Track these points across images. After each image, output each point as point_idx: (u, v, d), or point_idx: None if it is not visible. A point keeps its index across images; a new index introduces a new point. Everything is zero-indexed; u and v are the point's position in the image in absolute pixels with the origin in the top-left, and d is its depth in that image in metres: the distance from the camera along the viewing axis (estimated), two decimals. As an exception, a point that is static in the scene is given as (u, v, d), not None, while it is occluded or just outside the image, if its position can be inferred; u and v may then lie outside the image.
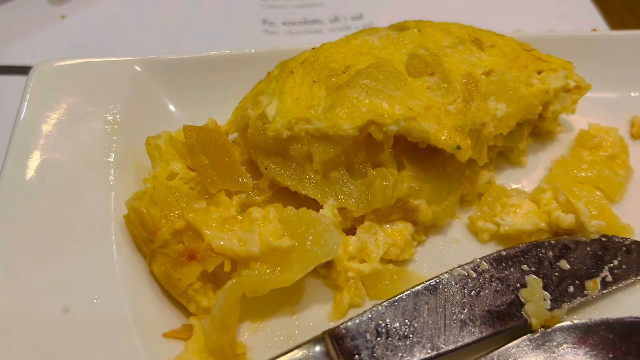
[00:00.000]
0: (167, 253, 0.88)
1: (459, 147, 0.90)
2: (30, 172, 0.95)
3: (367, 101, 0.91)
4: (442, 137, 0.90)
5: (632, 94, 1.20)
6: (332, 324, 0.87)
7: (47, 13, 1.47)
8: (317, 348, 0.79)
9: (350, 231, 0.98)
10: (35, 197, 0.93)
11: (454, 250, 1.00)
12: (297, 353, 0.77)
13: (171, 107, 1.14)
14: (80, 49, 1.37)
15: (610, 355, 0.82)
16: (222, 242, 0.87)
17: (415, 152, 0.97)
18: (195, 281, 0.87)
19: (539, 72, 1.04)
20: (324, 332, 0.81)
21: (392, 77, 0.95)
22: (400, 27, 1.09)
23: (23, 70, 1.33)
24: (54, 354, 0.79)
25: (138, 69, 1.11)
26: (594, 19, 1.45)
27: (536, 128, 1.13)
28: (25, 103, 1.02)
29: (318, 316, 0.91)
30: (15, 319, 0.81)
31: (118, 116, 1.05)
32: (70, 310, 0.83)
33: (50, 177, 0.95)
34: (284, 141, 0.94)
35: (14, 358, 0.78)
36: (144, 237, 0.90)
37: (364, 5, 1.52)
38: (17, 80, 1.31)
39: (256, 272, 0.85)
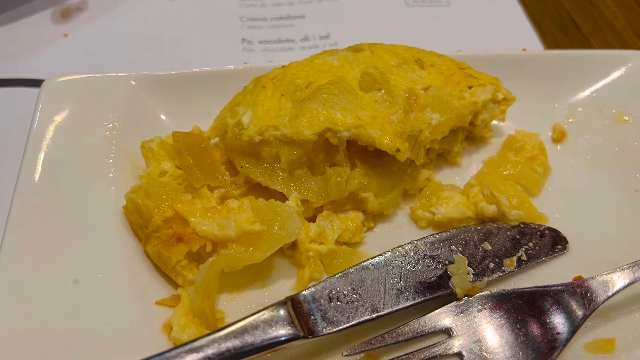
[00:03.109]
0: (158, 236, 0.97)
1: (398, 150, 1.00)
2: (43, 170, 1.03)
3: (324, 112, 1.00)
4: (385, 142, 1.00)
5: (556, 105, 1.30)
6: (295, 294, 0.95)
7: (51, 31, 1.53)
8: (281, 310, 0.87)
9: (312, 219, 1.06)
10: (48, 191, 1.01)
11: (397, 234, 1.09)
12: (264, 314, 0.86)
13: (162, 116, 1.21)
14: (80, 63, 1.45)
15: (519, 318, 0.93)
16: (204, 227, 0.95)
17: (365, 154, 1.06)
18: (182, 259, 0.96)
19: (470, 87, 1.14)
20: (286, 298, 0.89)
21: (346, 92, 1.04)
22: (356, 49, 1.17)
23: (31, 82, 1.40)
24: (67, 316, 0.89)
25: (133, 83, 1.18)
26: (531, 40, 1.56)
27: (470, 134, 1.22)
28: (38, 113, 1.09)
29: (284, 288, 1.00)
30: (35, 287, 0.90)
31: (116, 123, 1.13)
32: (80, 281, 0.92)
33: (60, 174, 1.04)
34: (256, 145, 1.02)
35: (35, 318, 0.88)
36: (140, 223, 0.99)
37: (331, 26, 1.59)
38: (26, 91, 1.39)
39: (232, 251, 0.94)
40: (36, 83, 1.38)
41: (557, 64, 1.32)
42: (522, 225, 1.08)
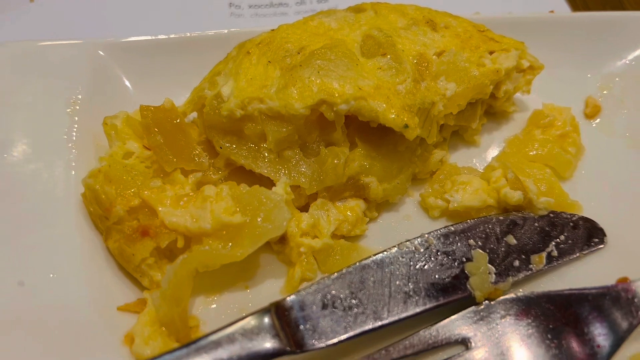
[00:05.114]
0: (121, 229, 0.90)
1: (406, 126, 0.93)
2: (-9, 152, 0.96)
3: (318, 81, 0.94)
4: (391, 116, 0.92)
5: (589, 75, 1.22)
6: (285, 298, 0.89)
7: (15, -4, 1.46)
8: (264, 319, 0.79)
9: (304, 208, 1.00)
10: (-5, 176, 0.93)
11: (405, 226, 1.02)
12: (243, 324, 0.77)
13: (132, 89, 1.14)
14: (47, 32, 1.36)
15: (551, 326, 0.85)
16: (174, 219, 0.88)
17: (368, 132, 0.99)
18: (149, 256, 0.89)
19: (491, 53, 1.07)
20: (270, 305, 0.81)
21: (345, 57, 0.97)
22: (357, 9, 1.11)
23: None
24: (8, 325, 0.81)
25: (100, 52, 1.12)
26: (557, 3, 1.45)
27: (491, 108, 1.15)
28: (-13, 85, 1.02)
29: (271, 290, 0.94)
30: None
31: (80, 97, 1.06)
32: (25, 284, 0.85)
33: (10, 157, 0.96)
34: (238, 120, 0.95)
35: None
36: (100, 214, 0.92)
37: (330, -12, 1.52)
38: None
39: (207, 247, 0.87)
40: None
41: (590, 28, 1.24)
42: (552, 215, 1.00)
